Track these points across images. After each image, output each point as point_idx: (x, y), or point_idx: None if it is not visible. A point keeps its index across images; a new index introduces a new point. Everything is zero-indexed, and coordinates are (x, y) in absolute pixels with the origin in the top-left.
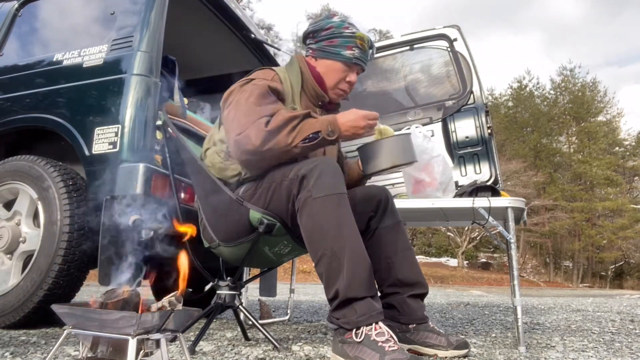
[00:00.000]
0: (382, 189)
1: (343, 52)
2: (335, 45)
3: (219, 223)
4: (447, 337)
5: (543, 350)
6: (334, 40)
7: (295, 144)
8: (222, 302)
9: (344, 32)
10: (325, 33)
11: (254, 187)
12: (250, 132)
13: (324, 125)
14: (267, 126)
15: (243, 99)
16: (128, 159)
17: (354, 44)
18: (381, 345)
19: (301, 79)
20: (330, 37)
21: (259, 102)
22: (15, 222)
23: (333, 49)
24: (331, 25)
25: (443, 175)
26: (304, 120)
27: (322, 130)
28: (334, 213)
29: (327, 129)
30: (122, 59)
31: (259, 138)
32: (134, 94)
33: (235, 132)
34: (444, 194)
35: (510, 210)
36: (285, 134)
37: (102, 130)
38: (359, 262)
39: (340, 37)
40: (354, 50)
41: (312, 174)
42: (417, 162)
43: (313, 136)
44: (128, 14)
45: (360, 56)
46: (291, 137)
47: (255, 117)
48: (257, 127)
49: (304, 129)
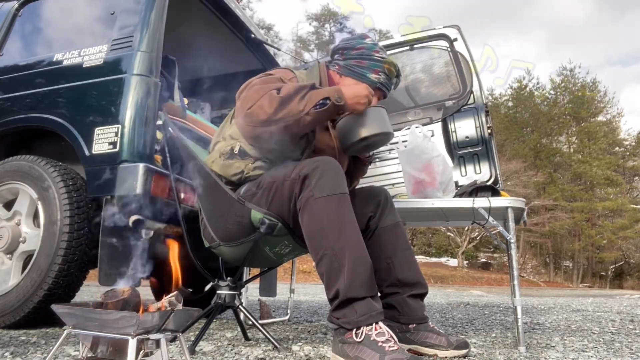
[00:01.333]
0: (382, 189)
1: (369, 75)
2: (363, 66)
3: (220, 223)
4: (447, 337)
5: (543, 350)
6: (363, 62)
7: (307, 111)
8: (222, 302)
9: (373, 55)
10: (355, 52)
11: (256, 187)
12: (262, 101)
13: (332, 92)
14: (278, 94)
15: (253, 83)
16: (128, 159)
17: (382, 69)
18: (381, 345)
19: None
20: (360, 57)
21: (269, 81)
22: (15, 222)
23: (360, 70)
24: (362, 46)
25: (443, 175)
26: (312, 90)
27: (330, 97)
28: (336, 213)
29: (335, 96)
30: (122, 59)
31: (272, 106)
32: (134, 94)
33: (247, 107)
34: (444, 194)
35: (510, 210)
36: (297, 101)
37: (102, 131)
38: (359, 262)
39: (369, 59)
40: (380, 75)
41: (314, 174)
42: (393, 135)
43: (323, 102)
44: (128, 13)
45: (385, 82)
46: (302, 104)
47: (265, 91)
48: (270, 96)
49: (314, 96)
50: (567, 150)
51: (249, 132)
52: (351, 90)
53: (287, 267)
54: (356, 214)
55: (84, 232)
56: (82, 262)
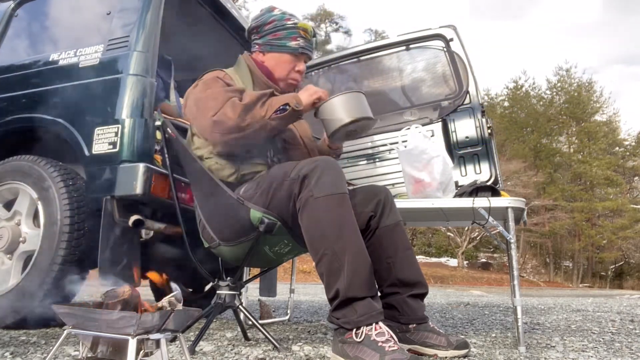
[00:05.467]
0: (383, 188)
1: (289, 44)
2: (280, 38)
3: (219, 223)
4: (447, 337)
5: (543, 350)
6: (278, 34)
7: (270, 116)
8: (222, 302)
9: (286, 24)
10: (268, 27)
11: (255, 187)
12: (225, 110)
13: (290, 99)
14: (241, 101)
15: (200, 91)
16: (128, 159)
17: (298, 34)
18: (381, 345)
19: (251, 76)
20: (274, 30)
21: (219, 87)
22: (15, 222)
23: (278, 42)
24: (273, 18)
25: (443, 175)
26: (271, 97)
27: (289, 103)
28: (335, 213)
29: (294, 102)
30: (118, 59)
31: (236, 113)
32: (130, 94)
33: (210, 114)
34: (444, 194)
35: (510, 210)
36: (259, 108)
37: (102, 131)
38: (359, 262)
39: (284, 29)
40: (298, 41)
41: (313, 174)
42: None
43: (283, 108)
44: (124, 13)
45: (305, 45)
46: (264, 110)
47: (224, 98)
48: (232, 104)
49: (274, 103)
50: (567, 150)
51: (219, 137)
52: (305, 92)
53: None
54: (357, 214)
55: (84, 232)
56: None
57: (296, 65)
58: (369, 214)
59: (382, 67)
